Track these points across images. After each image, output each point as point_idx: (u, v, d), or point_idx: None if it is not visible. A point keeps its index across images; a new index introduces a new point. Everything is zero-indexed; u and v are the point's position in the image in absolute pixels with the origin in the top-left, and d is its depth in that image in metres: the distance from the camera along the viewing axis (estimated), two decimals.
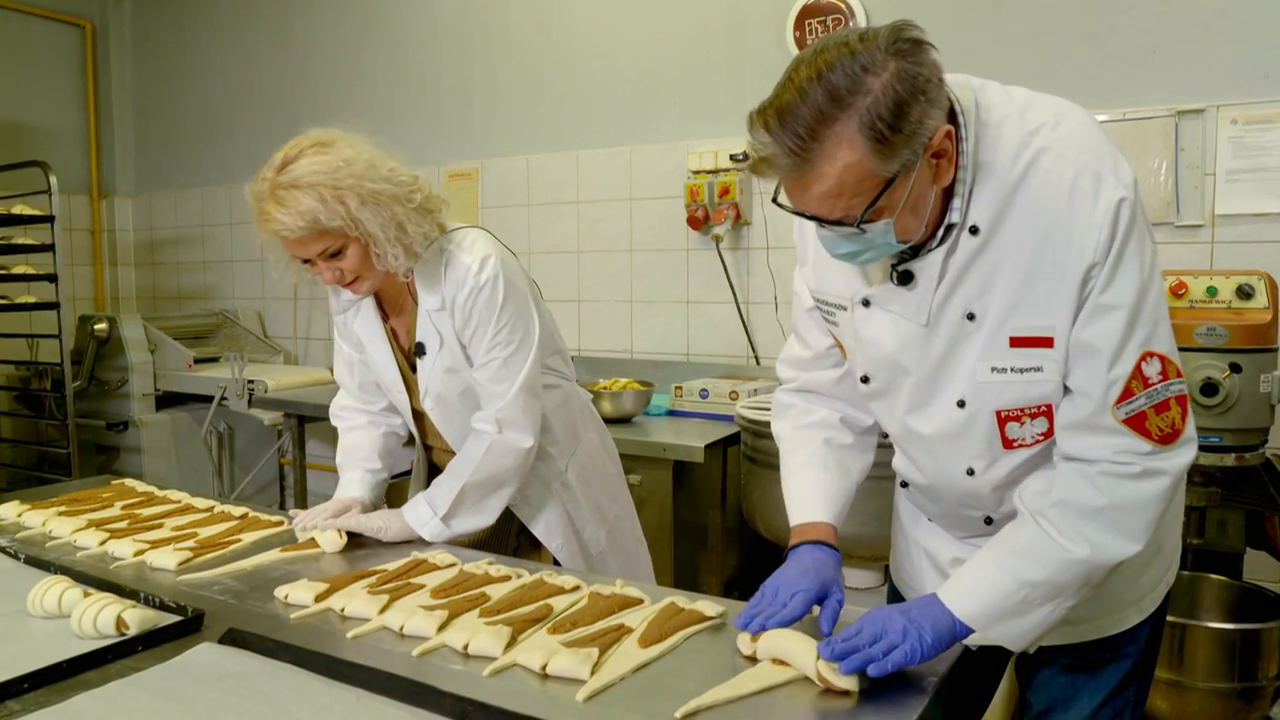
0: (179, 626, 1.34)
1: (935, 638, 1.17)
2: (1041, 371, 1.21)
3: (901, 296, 1.26)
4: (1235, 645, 2.19)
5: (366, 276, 1.72)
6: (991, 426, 1.28)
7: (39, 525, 1.87)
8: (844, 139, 1.05)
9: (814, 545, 1.36)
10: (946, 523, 1.49)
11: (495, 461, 1.79)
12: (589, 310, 3.90)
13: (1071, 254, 1.14)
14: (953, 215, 1.18)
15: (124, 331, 4.29)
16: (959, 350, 1.25)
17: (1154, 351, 1.16)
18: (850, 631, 1.17)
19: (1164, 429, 1.17)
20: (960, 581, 1.24)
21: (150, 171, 5.39)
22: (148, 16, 5.33)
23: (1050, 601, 1.21)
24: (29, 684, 1.17)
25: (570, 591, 1.45)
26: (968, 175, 1.17)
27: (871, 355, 1.34)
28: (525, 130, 4.00)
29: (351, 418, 2.02)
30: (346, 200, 1.60)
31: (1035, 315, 1.19)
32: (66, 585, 1.40)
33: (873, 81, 1.04)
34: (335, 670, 1.19)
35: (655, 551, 2.93)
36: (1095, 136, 1.18)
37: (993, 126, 1.17)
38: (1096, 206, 1.13)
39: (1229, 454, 2.20)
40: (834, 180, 1.08)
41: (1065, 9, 2.89)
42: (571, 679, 1.17)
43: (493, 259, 1.75)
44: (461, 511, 1.80)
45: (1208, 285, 2.26)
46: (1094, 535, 1.18)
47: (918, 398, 1.32)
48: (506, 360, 1.78)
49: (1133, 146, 2.79)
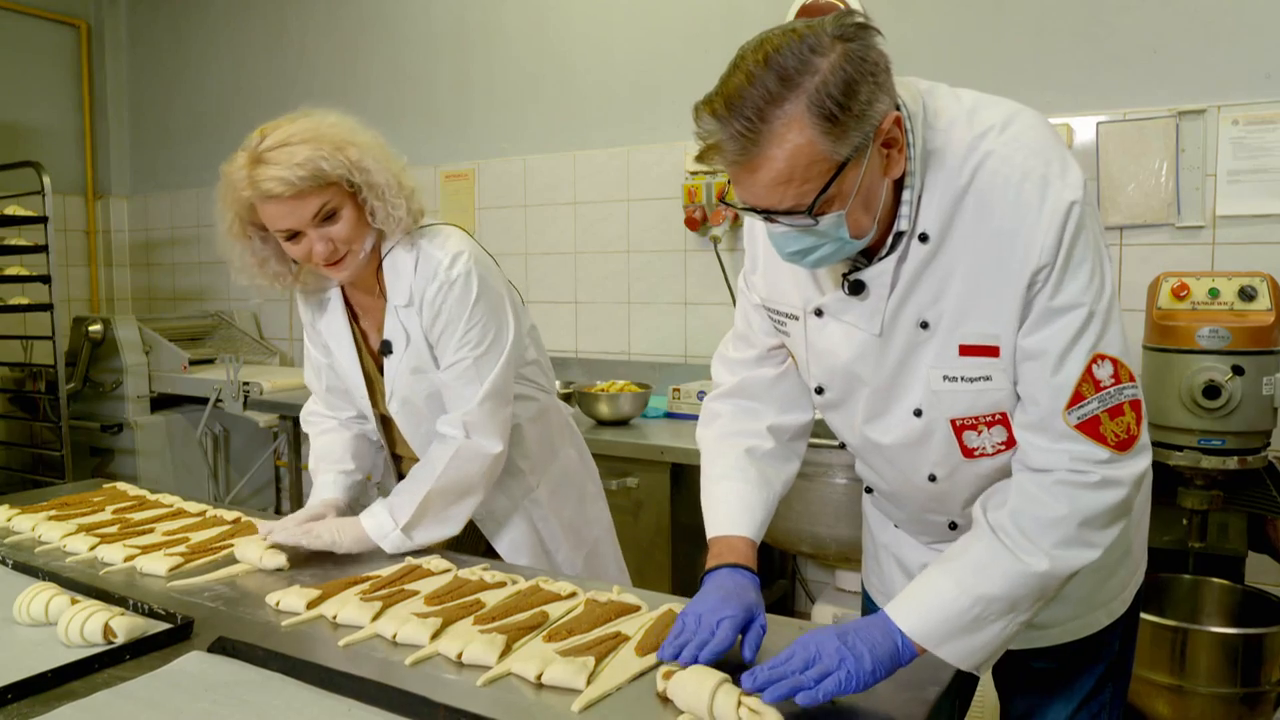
0: (168, 634, 1.32)
1: (875, 663, 1.10)
2: (990, 380, 1.19)
3: (854, 306, 1.23)
4: (1238, 650, 2.17)
5: (355, 250, 1.64)
6: (949, 435, 1.26)
7: (28, 530, 1.85)
8: (793, 119, 1.02)
9: (733, 569, 1.29)
10: (912, 528, 1.48)
11: (461, 467, 1.71)
12: (586, 311, 3.88)
13: (1018, 259, 1.12)
14: (901, 222, 1.16)
15: (119, 333, 4.26)
16: (914, 359, 1.23)
17: (1105, 354, 1.13)
18: (780, 659, 1.10)
19: (1120, 434, 1.13)
20: (910, 598, 1.17)
21: (145, 172, 5.36)
22: (143, 16, 5.30)
23: (1004, 617, 1.14)
24: (13, 694, 1.14)
25: (566, 598, 1.43)
26: (915, 181, 1.14)
27: (826, 366, 1.32)
28: (522, 131, 3.98)
29: (321, 422, 1.95)
30: (345, 150, 1.57)
31: (983, 323, 1.16)
32: (54, 592, 1.38)
33: (820, 61, 1.02)
34: (327, 679, 1.17)
35: (652, 555, 2.93)
36: (1043, 139, 1.15)
37: (940, 131, 1.15)
38: (1043, 210, 1.10)
39: (1231, 457, 2.19)
40: (783, 164, 1.04)
41: (1065, 9, 2.88)
42: (567, 689, 1.15)
43: (465, 255, 1.70)
44: (425, 521, 1.71)
45: (1210, 287, 2.25)
46: (1053, 547, 1.13)
47: (875, 408, 1.30)
48: (476, 361, 1.70)
49: (1133, 147, 2.78)
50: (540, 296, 3.97)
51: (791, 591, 3.43)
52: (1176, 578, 2.46)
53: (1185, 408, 2.19)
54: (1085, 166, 2.82)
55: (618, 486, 2.89)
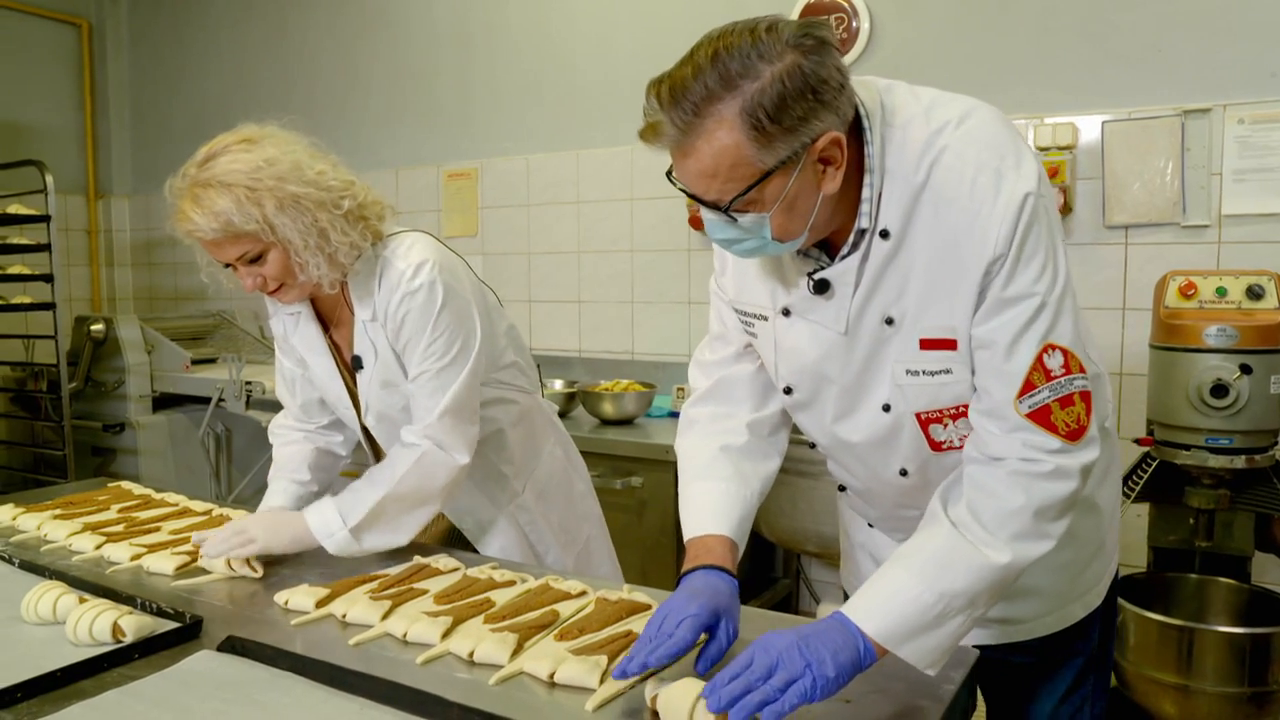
0: (177, 633, 1.31)
1: (838, 669, 1.05)
2: (951, 374, 1.20)
3: (819, 305, 1.24)
4: (1245, 649, 2.16)
5: (290, 285, 1.62)
6: (916, 430, 1.27)
7: (34, 529, 1.84)
8: (724, 120, 1.04)
9: (706, 570, 1.23)
10: (886, 525, 1.48)
11: (423, 475, 1.66)
12: (589, 311, 3.87)
13: (973, 251, 1.13)
14: (862, 220, 1.17)
15: (121, 332, 4.25)
16: (880, 355, 1.23)
17: (1056, 344, 1.14)
18: (739, 665, 1.05)
19: (1070, 424, 1.15)
20: (870, 598, 1.13)
21: (147, 171, 5.35)
22: (144, 15, 5.29)
23: (963, 612, 1.12)
24: (22, 693, 1.14)
25: (576, 597, 1.43)
26: (875, 179, 1.15)
27: (793, 365, 1.32)
28: (525, 130, 3.97)
29: (286, 434, 1.92)
30: (263, 203, 1.51)
31: (941, 316, 1.18)
32: (61, 591, 1.38)
33: (765, 69, 1.04)
34: (337, 679, 1.16)
35: (656, 554, 2.92)
36: (998, 133, 1.16)
37: (898, 129, 1.16)
38: (997, 202, 1.11)
39: (1239, 456, 2.18)
40: (709, 160, 1.07)
41: (1069, 8, 2.87)
42: (580, 687, 1.14)
43: (429, 264, 1.64)
44: (377, 526, 1.65)
45: (1217, 286, 2.24)
46: (1011, 539, 1.13)
47: (843, 406, 1.30)
48: (438, 373, 1.66)
49: (1138, 146, 2.77)
50: (543, 296, 3.96)
51: (796, 591, 3.42)
52: (1183, 577, 2.46)
53: (1193, 407, 2.19)
54: (1091, 166, 2.84)
55: (622, 486, 2.89)
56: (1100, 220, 2.84)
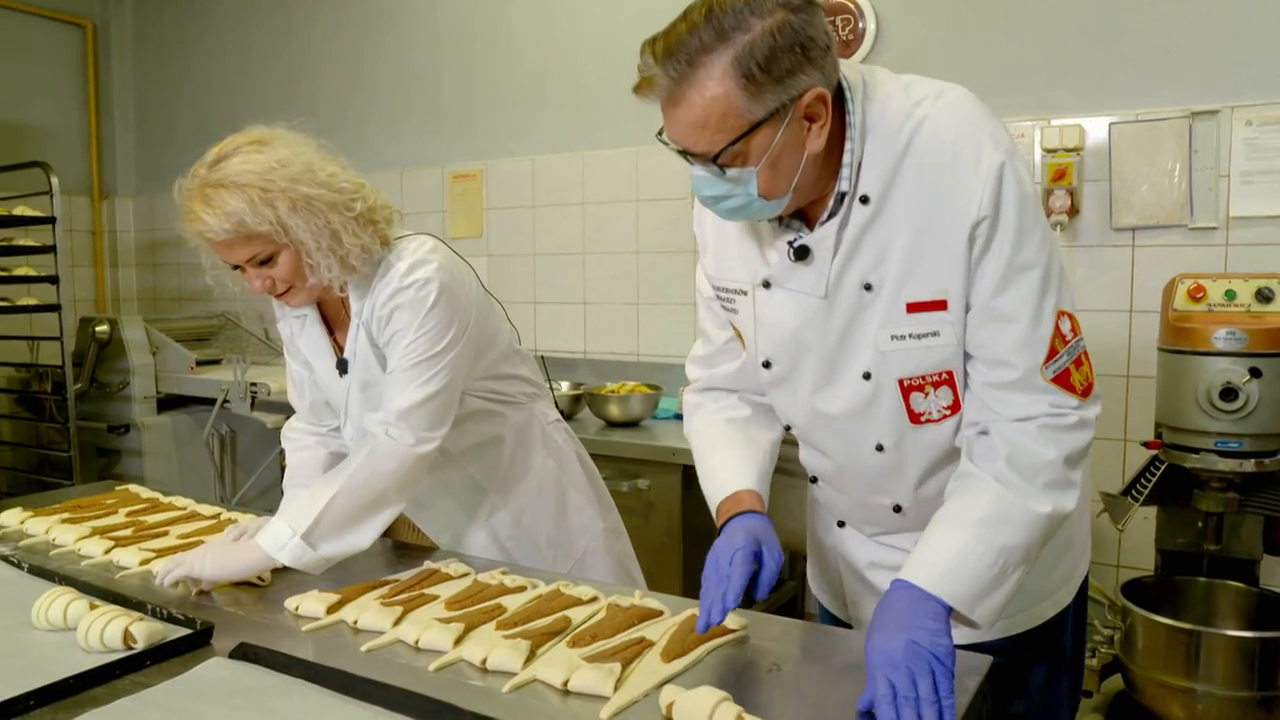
0: (188, 640, 1.31)
1: (949, 646, 1.11)
2: (938, 336, 1.24)
3: (799, 273, 1.28)
4: (1254, 653, 2.15)
5: (299, 287, 1.61)
6: (897, 398, 1.29)
7: (42, 533, 1.84)
8: (716, 70, 1.10)
9: (738, 516, 1.32)
10: (857, 516, 1.48)
11: (374, 467, 1.59)
12: (594, 312, 3.87)
13: (958, 213, 1.18)
14: (842, 184, 1.22)
15: (125, 333, 4.25)
16: (859, 322, 1.27)
17: (1064, 311, 1.22)
18: (883, 691, 1.07)
19: (1083, 382, 1.23)
20: (934, 564, 1.17)
21: (151, 172, 5.35)
22: (149, 16, 5.29)
23: (1020, 568, 1.19)
24: (35, 701, 1.14)
25: (588, 603, 1.42)
26: (856, 146, 1.20)
27: (773, 338, 1.35)
28: (530, 131, 3.96)
29: (299, 439, 1.91)
30: (276, 204, 1.50)
31: (929, 280, 1.22)
32: (72, 597, 1.37)
33: (756, 23, 1.09)
34: (350, 686, 1.16)
35: (664, 557, 2.91)
36: (975, 110, 1.22)
37: (878, 101, 1.22)
38: (979, 166, 1.16)
39: (1249, 459, 2.17)
40: (700, 110, 1.11)
41: (1076, 10, 2.86)
42: (594, 695, 1.14)
43: (430, 264, 1.62)
44: (332, 529, 1.56)
45: (1226, 289, 2.23)
46: (1048, 488, 1.20)
47: (823, 375, 1.33)
48: (414, 365, 1.61)
49: (1146, 148, 2.77)
50: (548, 297, 3.96)
51: (801, 593, 3.42)
52: (1191, 580, 2.45)
53: (1202, 410, 2.18)
54: (1098, 167, 2.83)
55: (629, 488, 2.88)
56: (1107, 222, 2.84)
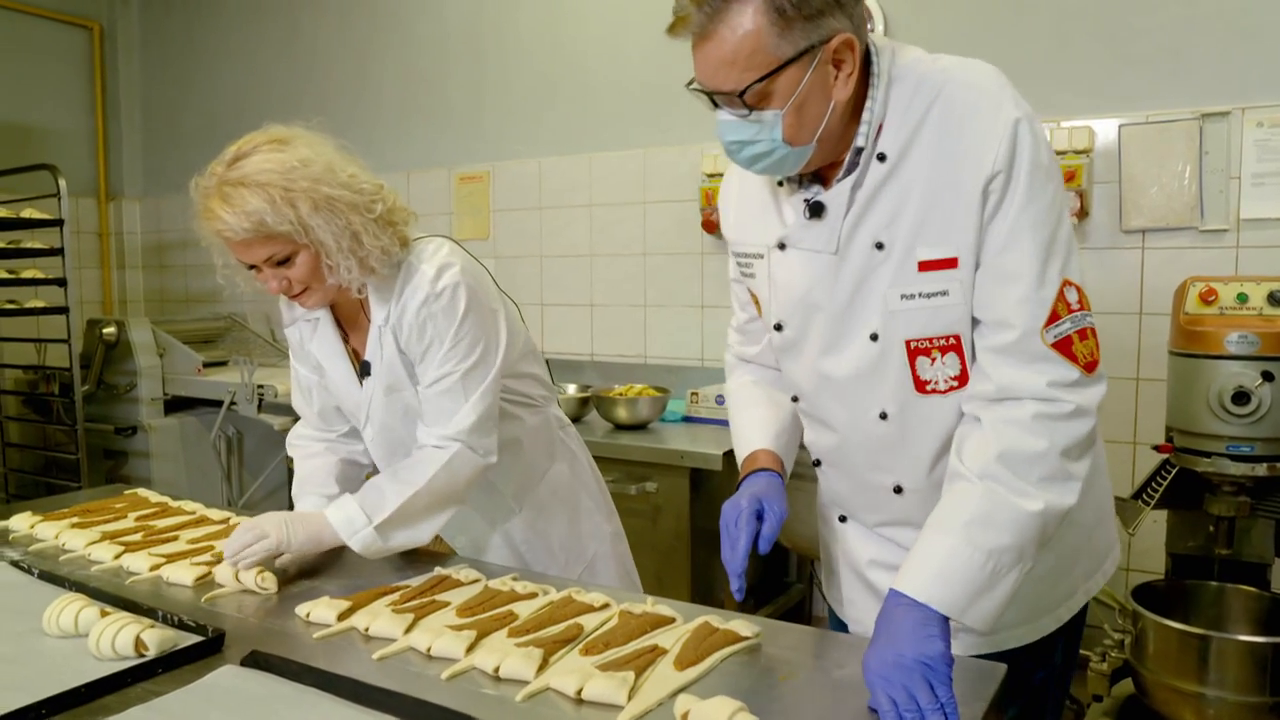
0: (199, 647, 1.31)
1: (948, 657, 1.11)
2: (947, 295, 1.23)
3: (813, 230, 1.29)
4: (1266, 658, 2.14)
5: (316, 288, 1.60)
6: (903, 362, 1.28)
7: (52, 538, 1.84)
8: (748, 7, 1.12)
9: (751, 474, 1.40)
10: (857, 503, 1.47)
11: (454, 475, 1.64)
12: (601, 314, 3.86)
13: (970, 168, 1.18)
14: (859, 140, 1.23)
15: (132, 335, 4.26)
16: (870, 281, 1.27)
17: (1071, 281, 1.21)
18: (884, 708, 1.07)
19: (1087, 356, 1.21)
20: (922, 570, 1.17)
21: (158, 174, 5.36)
22: (155, 18, 5.30)
23: (1015, 568, 1.18)
24: (46, 709, 1.13)
25: (600, 610, 1.41)
26: (878, 106, 1.22)
27: (785, 299, 1.37)
28: (537, 132, 3.96)
29: (307, 446, 1.89)
30: (297, 204, 1.49)
31: (941, 238, 1.22)
32: (83, 604, 1.37)
33: None
34: (362, 694, 1.16)
35: (671, 560, 2.91)
36: (999, 75, 1.23)
37: (903, 65, 1.24)
38: (997, 121, 1.17)
39: (1260, 464, 2.16)
40: (730, 46, 1.14)
41: (1085, 11, 2.85)
42: (609, 704, 1.13)
43: (454, 268, 1.63)
44: (403, 523, 1.62)
45: (1238, 292, 2.22)
46: (1041, 483, 1.18)
47: (831, 336, 1.33)
48: (463, 376, 1.63)
49: (1156, 150, 2.76)
50: (555, 299, 3.96)
51: (809, 595, 3.41)
52: (1202, 584, 2.43)
53: (1214, 414, 2.17)
54: (1108, 169, 2.82)
55: (636, 491, 2.88)
56: (1117, 224, 2.83)
